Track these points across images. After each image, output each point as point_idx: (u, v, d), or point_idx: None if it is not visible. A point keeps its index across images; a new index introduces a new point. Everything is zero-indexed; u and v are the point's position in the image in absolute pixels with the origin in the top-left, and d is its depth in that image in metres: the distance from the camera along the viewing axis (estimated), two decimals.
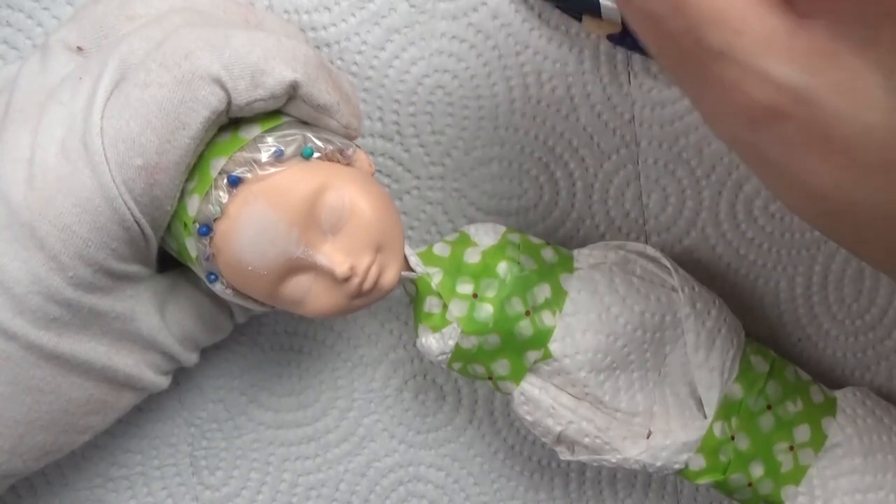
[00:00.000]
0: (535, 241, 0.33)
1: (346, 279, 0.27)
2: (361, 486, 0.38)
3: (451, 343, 0.31)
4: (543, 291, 0.31)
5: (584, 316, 0.31)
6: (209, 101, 0.26)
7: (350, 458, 0.37)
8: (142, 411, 0.36)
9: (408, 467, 0.38)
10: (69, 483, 0.36)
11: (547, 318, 0.31)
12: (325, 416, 0.37)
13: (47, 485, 0.36)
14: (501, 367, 0.31)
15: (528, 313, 0.31)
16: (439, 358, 0.31)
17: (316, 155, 0.27)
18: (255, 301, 0.29)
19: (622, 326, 0.32)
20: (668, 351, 0.33)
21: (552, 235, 0.36)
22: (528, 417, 0.32)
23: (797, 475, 0.33)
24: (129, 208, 0.26)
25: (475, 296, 0.31)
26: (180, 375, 0.35)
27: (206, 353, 0.32)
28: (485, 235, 0.32)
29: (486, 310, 0.31)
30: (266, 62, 0.26)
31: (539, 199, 0.35)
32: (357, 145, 0.29)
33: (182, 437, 0.36)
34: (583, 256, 0.33)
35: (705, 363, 0.32)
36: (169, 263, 0.30)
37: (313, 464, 0.37)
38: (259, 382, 0.37)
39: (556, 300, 0.31)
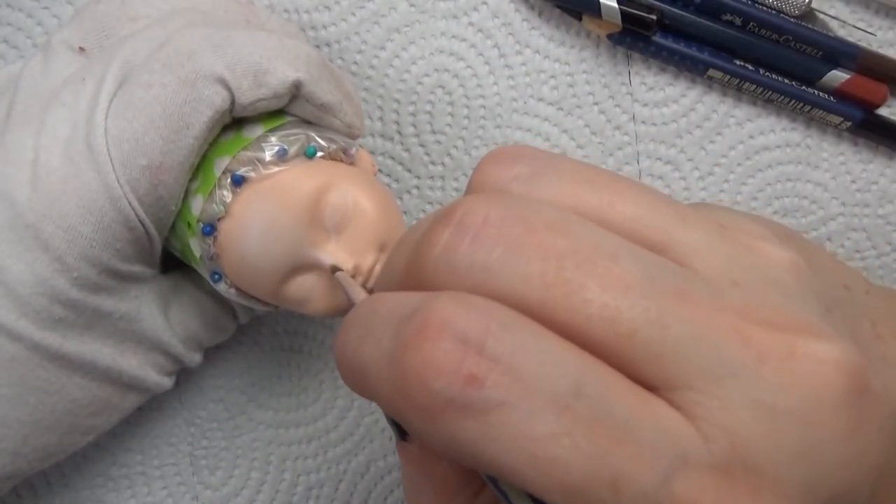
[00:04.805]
0: None
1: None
2: (361, 486, 0.38)
3: None
4: None
5: None
6: (213, 101, 0.25)
7: (350, 458, 0.37)
8: (142, 410, 0.36)
9: None
10: (69, 482, 0.36)
11: None
12: (325, 416, 0.37)
13: (47, 484, 0.35)
14: None
15: None
16: None
17: (319, 154, 0.27)
18: (259, 301, 0.29)
19: None
20: None
21: None
22: None
23: None
24: (133, 208, 0.25)
25: None
26: (181, 375, 0.35)
27: (207, 352, 0.32)
28: None
29: None
30: (269, 62, 0.26)
31: None
32: (360, 145, 0.29)
33: (182, 437, 0.36)
34: None
35: None
36: (172, 264, 0.30)
37: (313, 464, 0.37)
38: (259, 382, 0.37)
39: None
